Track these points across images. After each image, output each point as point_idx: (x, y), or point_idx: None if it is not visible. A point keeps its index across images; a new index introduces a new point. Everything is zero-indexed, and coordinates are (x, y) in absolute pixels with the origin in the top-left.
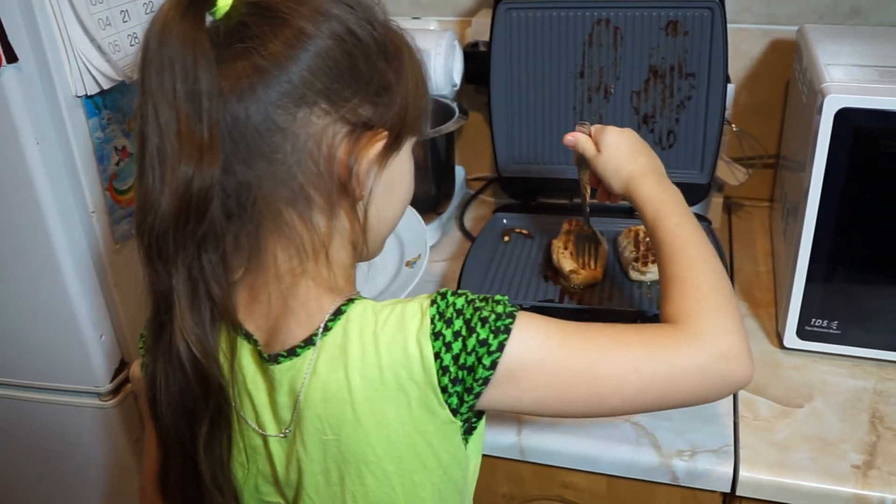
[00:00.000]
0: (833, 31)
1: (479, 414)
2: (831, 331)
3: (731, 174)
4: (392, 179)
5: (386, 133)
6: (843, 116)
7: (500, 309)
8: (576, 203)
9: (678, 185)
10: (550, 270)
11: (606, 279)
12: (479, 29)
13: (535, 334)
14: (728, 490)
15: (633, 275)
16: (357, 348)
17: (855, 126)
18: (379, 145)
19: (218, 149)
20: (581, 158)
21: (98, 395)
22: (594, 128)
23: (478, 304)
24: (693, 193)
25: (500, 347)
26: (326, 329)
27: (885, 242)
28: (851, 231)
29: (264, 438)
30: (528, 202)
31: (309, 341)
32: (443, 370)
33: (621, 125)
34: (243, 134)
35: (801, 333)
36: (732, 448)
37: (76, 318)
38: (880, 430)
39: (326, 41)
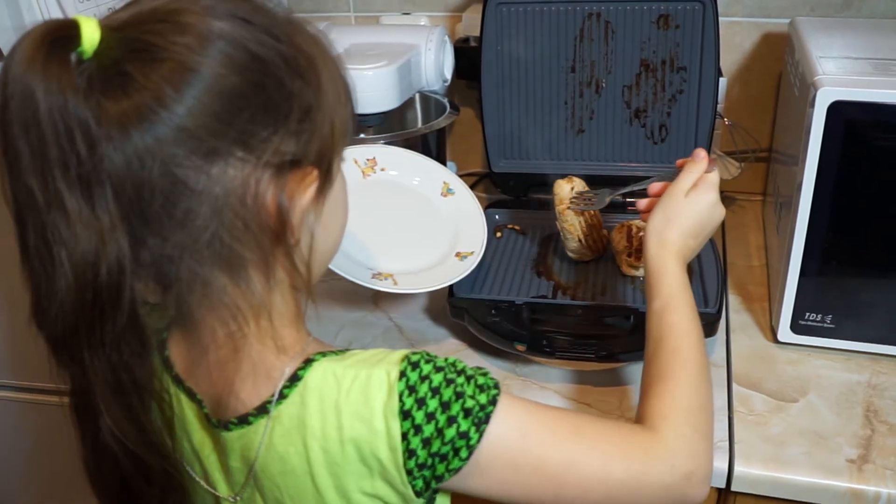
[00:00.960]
0: (825, 24)
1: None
2: (825, 325)
3: (724, 168)
4: (328, 212)
5: (315, 172)
6: (836, 109)
7: (483, 399)
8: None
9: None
10: (542, 266)
11: (599, 273)
12: (470, 24)
13: (513, 427)
14: (723, 485)
15: (626, 270)
16: (317, 420)
17: (848, 119)
18: (312, 188)
19: (119, 226)
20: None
21: (47, 392)
22: (710, 177)
23: (459, 386)
24: None
25: (480, 439)
26: (282, 397)
27: (878, 236)
28: (845, 225)
29: (216, 498)
30: (519, 198)
31: (262, 409)
32: (409, 453)
33: (613, 120)
34: (150, 203)
35: (795, 328)
36: (727, 443)
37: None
38: (875, 423)
39: (229, 77)
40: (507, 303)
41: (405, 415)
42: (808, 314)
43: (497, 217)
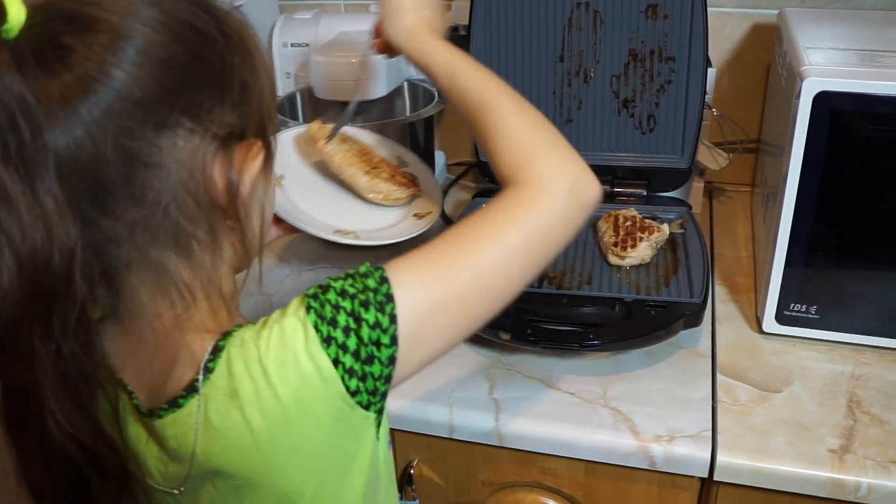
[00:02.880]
0: (814, 15)
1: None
2: (810, 315)
3: (712, 159)
4: (271, 185)
5: (260, 143)
6: (822, 100)
7: (371, 283)
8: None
9: (659, 169)
10: None
11: (585, 263)
12: (459, 13)
13: (412, 287)
14: (706, 475)
15: (613, 259)
16: (248, 385)
17: (834, 110)
18: (260, 158)
19: (67, 209)
20: None
21: None
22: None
23: (348, 288)
24: (673, 178)
25: (393, 319)
26: (208, 371)
27: (863, 227)
28: (830, 216)
29: (164, 492)
30: None
31: (191, 388)
32: (348, 374)
33: (601, 109)
34: (101, 181)
35: (780, 318)
36: (710, 433)
37: None
38: (857, 414)
39: (169, 46)
40: None
41: (327, 342)
42: (792, 305)
43: (484, 206)
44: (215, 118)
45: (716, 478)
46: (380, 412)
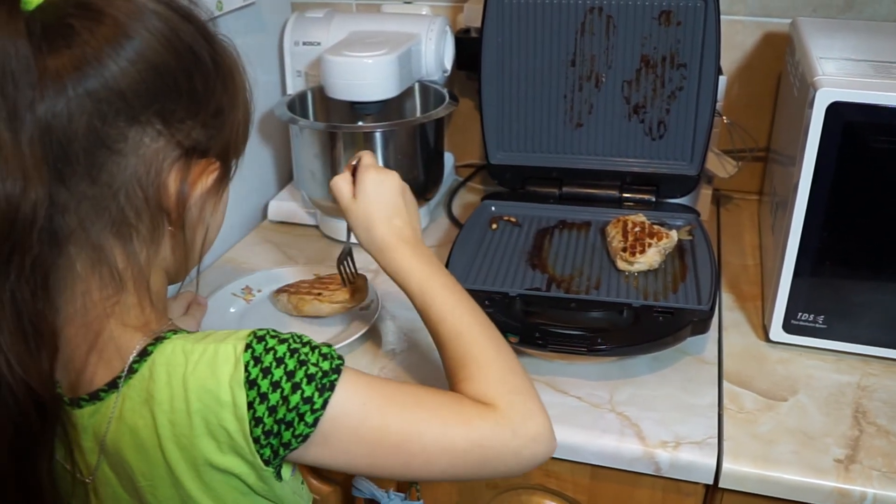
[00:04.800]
0: (826, 25)
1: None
2: (817, 325)
3: (720, 166)
4: (221, 207)
5: (218, 164)
6: (835, 110)
7: (326, 365)
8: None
9: (668, 176)
10: (537, 259)
11: (594, 267)
12: (472, 15)
13: (356, 397)
14: (711, 482)
15: (621, 265)
16: (165, 392)
17: (846, 120)
18: (213, 177)
19: (42, 166)
20: None
21: None
22: (360, 166)
23: (302, 355)
24: (682, 185)
25: (325, 405)
26: (132, 371)
27: (873, 238)
28: (840, 226)
29: (78, 482)
30: (516, 190)
31: (113, 384)
32: (255, 421)
33: (612, 114)
34: (67, 149)
35: (788, 327)
36: (716, 440)
37: None
38: (863, 424)
39: (163, 55)
40: (500, 294)
41: (251, 384)
42: (800, 314)
43: (493, 209)
44: (185, 129)
45: (721, 485)
46: (278, 470)
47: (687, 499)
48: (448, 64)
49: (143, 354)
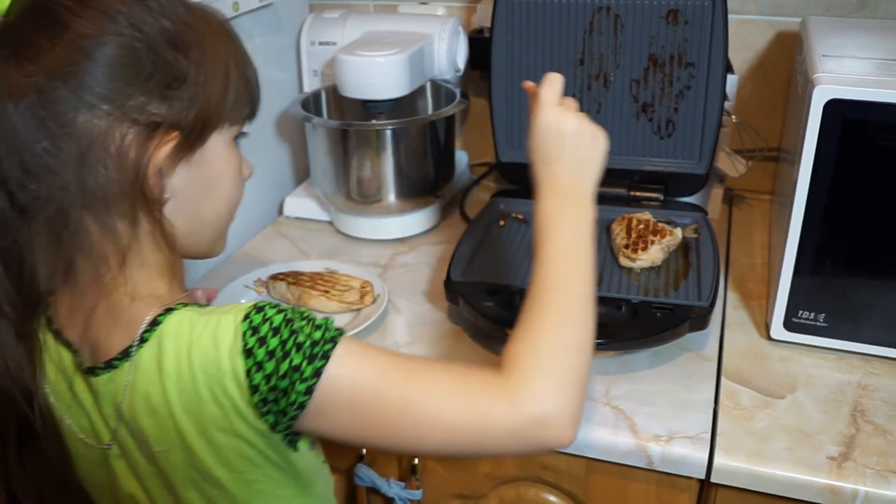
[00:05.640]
0: (838, 24)
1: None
2: (818, 323)
3: (731, 165)
4: (205, 177)
5: (177, 132)
6: (833, 107)
7: (318, 335)
8: None
9: (676, 174)
10: None
11: (597, 264)
12: (484, 15)
13: (351, 367)
14: (703, 476)
15: (623, 261)
16: (172, 362)
17: (845, 118)
18: (168, 146)
19: None
20: None
21: None
22: (539, 100)
23: (296, 324)
24: (690, 183)
25: (316, 374)
26: (143, 341)
27: (873, 236)
28: (840, 224)
29: (101, 450)
30: (526, 188)
31: (126, 353)
32: (252, 389)
33: (620, 113)
34: (23, 143)
35: (789, 325)
36: (709, 435)
37: None
38: (860, 423)
39: (105, 41)
40: (501, 287)
41: (248, 353)
42: (801, 312)
43: (502, 206)
44: (135, 105)
45: (713, 479)
46: (291, 442)
47: (681, 493)
48: (461, 63)
49: (154, 325)
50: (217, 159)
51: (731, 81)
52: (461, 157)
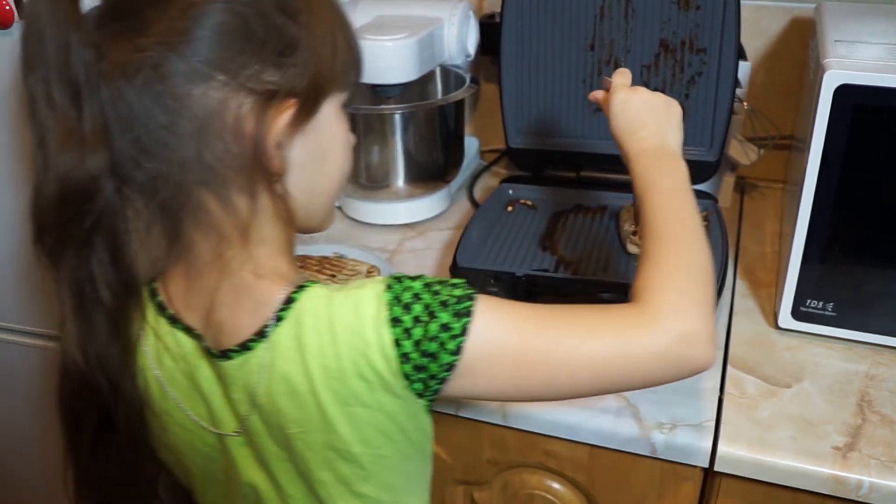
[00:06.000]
0: (853, 9)
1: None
2: (826, 313)
3: (743, 153)
4: (320, 147)
5: (294, 99)
6: (843, 93)
7: (458, 292)
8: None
9: (687, 161)
10: (549, 241)
11: (604, 250)
12: (495, 0)
13: (494, 319)
14: (706, 465)
15: (631, 248)
16: (313, 338)
17: (856, 104)
18: (287, 114)
19: (101, 140)
20: None
21: (50, 337)
22: (611, 88)
23: (435, 287)
24: (701, 170)
25: (464, 331)
26: (278, 320)
27: (883, 224)
28: (849, 211)
29: (219, 437)
30: (536, 174)
31: (261, 334)
32: (404, 357)
33: None
34: (140, 120)
35: (796, 314)
36: (714, 423)
37: (26, 257)
38: (867, 413)
39: (215, 9)
40: (507, 274)
41: (395, 321)
42: (809, 301)
43: (511, 192)
44: (250, 74)
45: (716, 468)
46: (431, 403)
47: (684, 482)
48: (471, 48)
49: (288, 302)
50: (330, 127)
51: (744, 68)
52: (471, 143)
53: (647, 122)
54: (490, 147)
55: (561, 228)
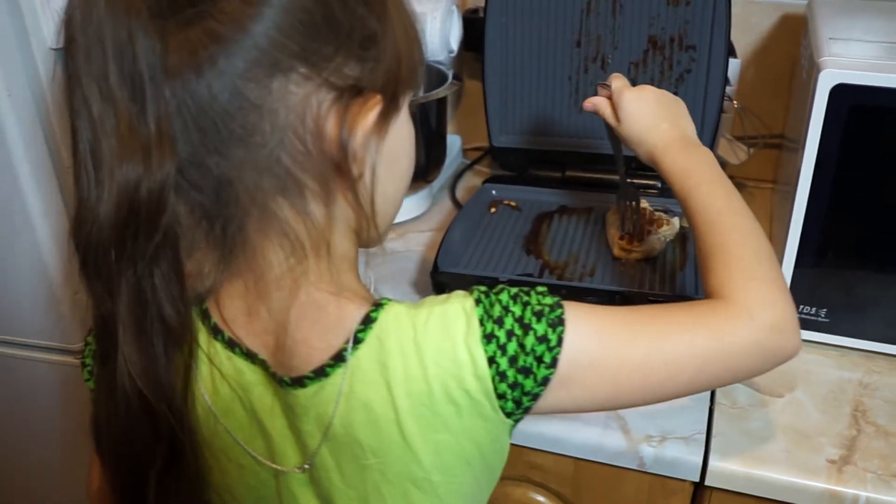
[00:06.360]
0: (847, 5)
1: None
2: (819, 318)
3: (732, 153)
4: (392, 149)
5: (379, 96)
6: (839, 93)
7: (549, 300)
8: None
9: None
10: (533, 244)
11: (590, 254)
12: None
13: (587, 326)
14: (697, 479)
15: (618, 252)
16: (398, 361)
17: (852, 104)
18: (374, 112)
19: (169, 143)
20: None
21: (72, 353)
22: (613, 91)
23: (524, 297)
24: None
25: (560, 342)
26: (357, 342)
27: (879, 228)
28: (844, 215)
29: (277, 474)
30: (521, 174)
31: (338, 357)
32: (500, 376)
33: None
34: (210, 118)
35: None
36: (704, 436)
37: (50, 274)
38: (861, 424)
39: None
40: (490, 279)
41: (488, 338)
42: (801, 306)
43: (494, 192)
44: (334, 67)
45: (707, 482)
46: (517, 423)
47: (673, 496)
48: (454, 44)
49: (367, 322)
50: (402, 128)
51: (734, 65)
52: (454, 141)
53: (665, 115)
54: (473, 145)
55: (546, 231)
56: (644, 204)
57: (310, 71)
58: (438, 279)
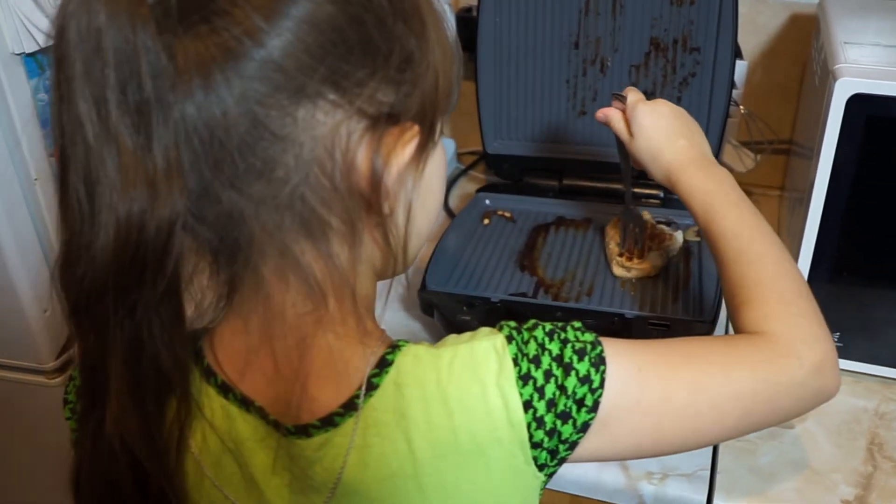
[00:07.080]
0: (859, 6)
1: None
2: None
3: (738, 159)
4: (429, 183)
5: (416, 126)
6: (857, 103)
7: (588, 337)
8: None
9: None
10: (528, 260)
11: (588, 271)
12: None
13: (628, 365)
14: None
15: (617, 270)
16: (419, 408)
17: (870, 115)
18: (412, 145)
19: (178, 174)
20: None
21: (43, 372)
22: (628, 104)
23: (560, 333)
24: None
25: (602, 383)
26: (371, 387)
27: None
28: (860, 232)
29: None
30: (515, 182)
31: (349, 406)
32: (536, 422)
33: None
34: (227, 149)
35: None
36: (708, 472)
37: (17, 292)
38: (878, 459)
39: (324, 5)
40: (481, 300)
41: (524, 379)
42: None
43: (487, 202)
44: (364, 92)
45: None
46: (549, 478)
47: None
48: None
49: (382, 366)
50: (438, 159)
51: (740, 68)
52: (448, 145)
53: (682, 131)
54: (468, 149)
55: (541, 244)
56: (646, 215)
57: (340, 98)
58: (426, 299)
